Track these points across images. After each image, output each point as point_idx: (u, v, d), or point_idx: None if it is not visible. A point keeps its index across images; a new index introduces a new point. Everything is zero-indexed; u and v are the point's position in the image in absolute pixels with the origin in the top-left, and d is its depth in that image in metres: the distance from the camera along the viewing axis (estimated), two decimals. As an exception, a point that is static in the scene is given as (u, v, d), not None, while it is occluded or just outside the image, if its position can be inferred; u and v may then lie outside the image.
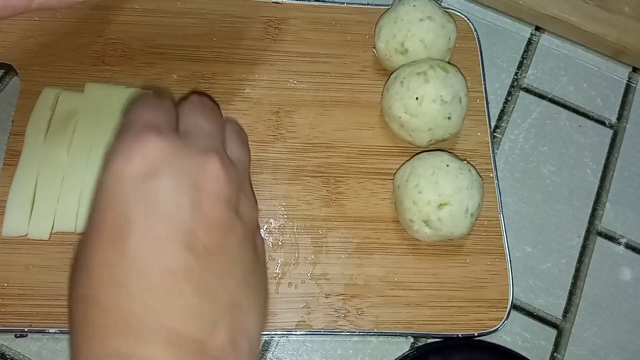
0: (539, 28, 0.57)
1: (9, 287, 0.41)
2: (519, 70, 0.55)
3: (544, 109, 0.54)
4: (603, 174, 0.52)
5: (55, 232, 0.43)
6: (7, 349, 0.41)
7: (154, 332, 0.23)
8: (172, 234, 0.24)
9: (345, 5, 0.54)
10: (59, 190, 0.43)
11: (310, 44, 0.52)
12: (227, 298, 0.25)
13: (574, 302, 0.47)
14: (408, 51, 0.48)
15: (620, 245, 0.49)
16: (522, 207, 0.50)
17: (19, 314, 0.41)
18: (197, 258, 0.25)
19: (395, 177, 0.46)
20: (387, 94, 0.47)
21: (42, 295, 0.41)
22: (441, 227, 0.43)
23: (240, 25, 0.52)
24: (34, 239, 0.43)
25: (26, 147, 0.44)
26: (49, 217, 0.43)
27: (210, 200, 0.26)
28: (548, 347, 0.46)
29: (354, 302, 0.44)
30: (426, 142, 0.47)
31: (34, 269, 0.42)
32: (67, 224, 0.43)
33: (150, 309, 0.23)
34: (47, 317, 0.41)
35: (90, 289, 0.24)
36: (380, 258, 0.45)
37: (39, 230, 0.43)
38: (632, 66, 0.56)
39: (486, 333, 0.44)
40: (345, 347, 0.44)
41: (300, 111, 0.49)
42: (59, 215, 0.43)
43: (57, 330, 0.41)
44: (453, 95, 0.45)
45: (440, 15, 0.48)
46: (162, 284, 0.24)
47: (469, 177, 0.43)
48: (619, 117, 0.54)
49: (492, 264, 0.46)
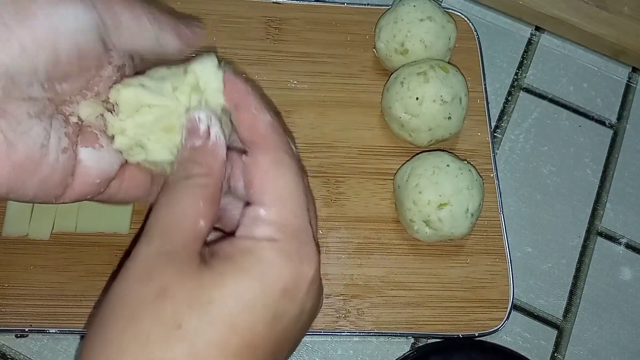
0: (539, 28, 0.57)
1: (9, 287, 0.41)
2: (519, 70, 0.55)
3: (544, 109, 0.54)
4: (603, 174, 0.52)
5: (55, 232, 0.43)
6: (7, 349, 0.41)
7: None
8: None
9: (345, 5, 0.54)
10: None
11: (311, 44, 0.52)
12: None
13: (574, 302, 0.47)
14: (408, 51, 0.48)
15: (621, 245, 0.49)
16: (522, 207, 0.50)
17: (19, 314, 0.41)
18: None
19: (396, 177, 0.46)
20: (387, 94, 0.47)
21: (42, 295, 0.41)
22: (441, 227, 0.42)
23: (240, 25, 0.52)
24: (34, 239, 0.43)
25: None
26: (49, 217, 0.43)
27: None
28: (548, 347, 0.46)
29: (354, 303, 0.44)
30: (426, 142, 0.47)
31: (34, 269, 0.42)
32: (67, 224, 0.43)
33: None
34: (48, 317, 0.41)
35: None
36: (380, 258, 0.45)
37: (39, 230, 0.43)
38: (631, 66, 0.56)
39: (487, 333, 0.44)
40: (345, 348, 0.44)
41: (301, 111, 0.49)
42: (59, 215, 0.43)
43: (57, 330, 0.41)
44: (453, 95, 0.45)
45: (440, 15, 0.48)
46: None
47: (469, 177, 0.43)
48: (619, 117, 0.54)
49: (493, 264, 0.46)
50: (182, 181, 0.27)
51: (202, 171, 0.27)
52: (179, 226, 0.26)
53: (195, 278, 0.25)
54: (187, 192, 0.27)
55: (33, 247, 0.42)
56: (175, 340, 0.23)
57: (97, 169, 0.29)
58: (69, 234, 0.43)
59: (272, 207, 0.27)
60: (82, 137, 0.29)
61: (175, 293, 0.24)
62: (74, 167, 0.28)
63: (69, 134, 0.28)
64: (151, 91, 0.29)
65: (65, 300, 0.41)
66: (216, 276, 0.25)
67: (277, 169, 0.27)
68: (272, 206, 0.27)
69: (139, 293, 0.25)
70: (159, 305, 0.24)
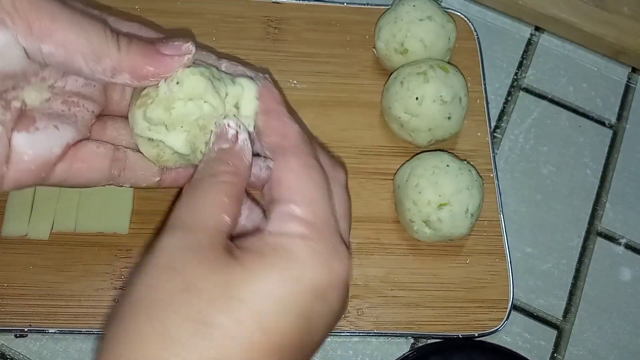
0: (539, 28, 0.57)
1: (9, 287, 0.41)
2: (519, 70, 0.55)
3: (544, 109, 0.54)
4: (603, 174, 0.52)
5: (55, 232, 0.43)
6: (7, 349, 0.41)
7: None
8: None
9: (345, 5, 0.54)
10: (59, 190, 0.43)
11: (310, 44, 0.52)
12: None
13: (574, 303, 0.47)
14: (408, 51, 0.48)
15: (620, 246, 0.49)
16: (522, 207, 0.50)
17: (19, 314, 0.41)
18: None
19: (395, 177, 0.46)
20: (387, 94, 0.47)
21: (42, 295, 0.41)
22: (441, 227, 0.42)
23: (240, 25, 0.52)
24: (34, 239, 0.43)
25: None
26: (48, 217, 0.43)
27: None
28: (548, 348, 0.46)
29: (354, 303, 0.43)
30: (426, 142, 0.47)
31: (34, 269, 0.42)
32: (67, 224, 0.43)
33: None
34: (47, 317, 0.41)
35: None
36: (380, 258, 0.45)
37: (39, 230, 0.43)
38: (631, 66, 0.56)
39: (486, 333, 0.44)
40: (345, 348, 0.44)
41: (301, 111, 0.49)
42: (59, 215, 0.43)
43: (57, 330, 0.41)
44: (453, 95, 0.45)
45: (440, 15, 0.48)
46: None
47: (469, 177, 0.43)
48: (618, 118, 0.54)
49: (492, 265, 0.46)
50: (207, 178, 0.27)
51: (229, 169, 0.27)
52: (203, 219, 0.26)
53: (223, 273, 0.24)
54: (212, 188, 0.26)
55: (32, 246, 0.42)
56: (201, 338, 0.23)
57: (31, 154, 0.28)
58: (68, 233, 0.43)
59: (305, 206, 0.26)
60: (17, 122, 0.28)
61: (202, 289, 0.23)
62: (8, 155, 0.27)
63: (5, 121, 0.27)
64: (215, 90, 0.29)
65: (64, 300, 0.41)
66: (245, 272, 0.24)
67: (309, 172, 0.28)
68: (305, 205, 0.26)
69: (163, 287, 0.24)
70: (184, 301, 0.23)
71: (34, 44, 0.26)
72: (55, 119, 0.29)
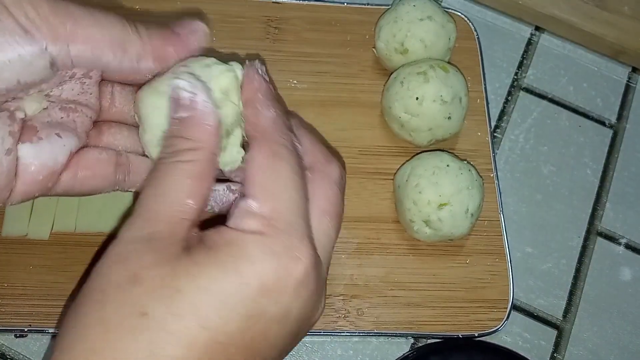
0: (539, 28, 0.57)
1: (9, 287, 0.41)
2: (519, 70, 0.55)
3: (544, 109, 0.54)
4: (603, 174, 0.52)
5: (55, 232, 0.43)
6: (7, 349, 0.41)
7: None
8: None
9: (345, 5, 0.54)
10: (59, 190, 0.43)
11: (310, 44, 0.52)
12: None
13: (574, 303, 0.47)
14: (408, 51, 0.48)
15: (620, 246, 0.49)
16: (522, 207, 0.50)
17: (19, 314, 0.41)
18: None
19: (396, 177, 0.46)
20: (387, 94, 0.47)
21: (42, 295, 0.41)
22: (441, 227, 0.42)
23: (240, 25, 0.52)
24: (34, 239, 0.43)
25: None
26: (48, 217, 0.43)
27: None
28: (548, 348, 0.46)
29: (354, 303, 0.44)
30: (426, 142, 0.47)
31: (34, 269, 0.42)
32: (67, 224, 0.43)
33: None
34: (47, 317, 0.41)
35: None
36: (380, 258, 0.45)
37: (39, 230, 0.43)
38: (631, 66, 0.56)
39: (486, 333, 0.44)
40: (345, 348, 0.44)
41: (300, 111, 0.49)
42: (59, 215, 0.43)
43: (56, 330, 0.41)
44: (453, 95, 0.45)
45: (440, 15, 0.48)
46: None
47: (469, 177, 0.43)
48: (618, 117, 0.54)
49: (492, 265, 0.46)
50: (167, 159, 0.25)
51: (189, 146, 0.25)
52: (162, 208, 0.25)
53: (170, 265, 0.23)
54: (171, 172, 0.25)
55: (32, 247, 0.42)
56: (137, 328, 0.22)
57: (38, 164, 0.27)
58: (68, 233, 0.43)
59: (264, 201, 0.25)
60: (21, 133, 0.27)
61: (145, 278, 0.23)
62: (16, 167, 0.27)
63: (14, 132, 0.27)
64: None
65: (64, 300, 0.41)
66: (192, 265, 0.23)
67: (273, 162, 0.26)
68: (264, 200, 0.25)
69: (110, 278, 0.23)
70: (126, 291, 0.23)
71: (62, 48, 0.26)
72: (56, 127, 0.29)
